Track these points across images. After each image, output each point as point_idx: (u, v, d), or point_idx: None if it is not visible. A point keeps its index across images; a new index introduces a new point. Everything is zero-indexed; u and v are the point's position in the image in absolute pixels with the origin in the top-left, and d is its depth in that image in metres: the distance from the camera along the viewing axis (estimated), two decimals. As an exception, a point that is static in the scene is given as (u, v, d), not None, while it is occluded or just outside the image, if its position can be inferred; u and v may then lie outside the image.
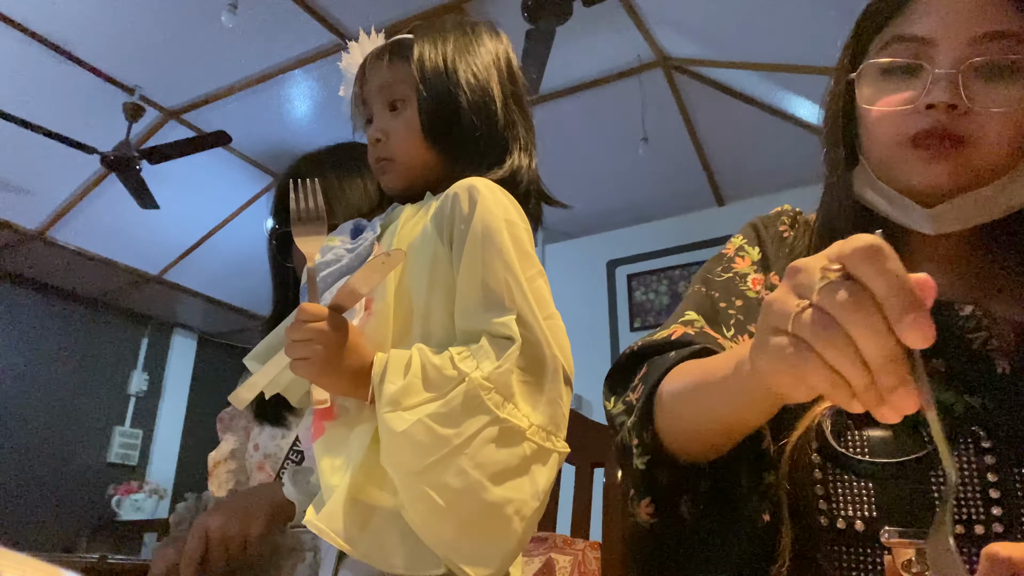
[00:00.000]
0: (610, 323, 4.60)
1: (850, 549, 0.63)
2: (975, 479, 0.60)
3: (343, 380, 0.73)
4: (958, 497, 0.60)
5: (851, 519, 0.63)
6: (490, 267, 0.75)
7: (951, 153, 0.64)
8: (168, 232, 4.58)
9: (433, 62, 0.89)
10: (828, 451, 0.66)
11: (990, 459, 0.60)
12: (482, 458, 0.67)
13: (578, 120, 3.84)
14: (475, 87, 0.89)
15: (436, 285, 0.79)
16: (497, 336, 0.73)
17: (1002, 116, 0.63)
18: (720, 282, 0.78)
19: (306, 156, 1.26)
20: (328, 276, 0.84)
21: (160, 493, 5.19)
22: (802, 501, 0.65)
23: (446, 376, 0.70)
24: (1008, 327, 0.63)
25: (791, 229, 0.82)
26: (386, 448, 0.69)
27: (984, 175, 0.64)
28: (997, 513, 0.59)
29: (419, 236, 0.82)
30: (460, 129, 0.88)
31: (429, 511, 0.67)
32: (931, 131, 0.64)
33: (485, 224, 0.77)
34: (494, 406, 0.69)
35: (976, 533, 0.59)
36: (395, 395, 0.69)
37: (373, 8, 3.11)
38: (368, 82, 0.94)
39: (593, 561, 1.20)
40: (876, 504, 0.62)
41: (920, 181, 0.66)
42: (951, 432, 0.62)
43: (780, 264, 0.78)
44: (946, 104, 0.63)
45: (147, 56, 3.35)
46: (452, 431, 0.67)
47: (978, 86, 0.64)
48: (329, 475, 0.72)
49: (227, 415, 1.29)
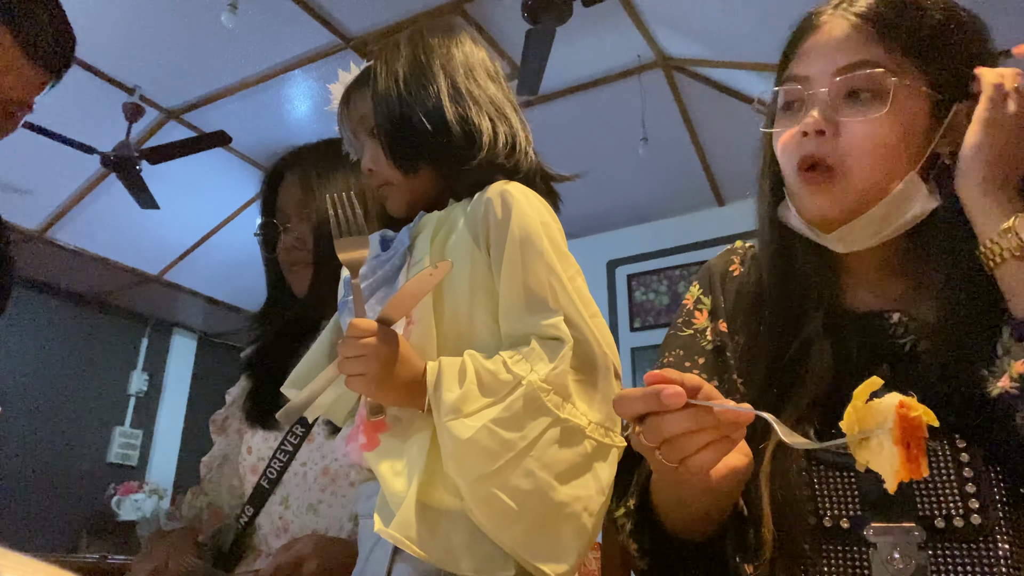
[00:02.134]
0: (610, 323, 4.56)
1: (837, 546, 0.66)
2: (951, 476, 0.64)
3: (398, 392, 0.74)
4: (938, 494, 0.64)
5: (837, 517, 0.66)
6: (531, 270, 0.77)
7: (827, 185, 0.71)
8: (168, 232, 4.58)
9: (385, 89, 0.90)
10: (813, 452, 0.69)
11: (964, 456, 0.64)
12: (548, 459, 0.70)
13: (578, 120, 3.84)
14: (424, 103, 0.88)
15: (477, 290, 0.80)
16: (546, 338, 0.75)
17: (865, 138, 0.69)
18: (684, 338, 0.85)
19: (291, 150, 1.28)
20: (365, 289, 0.85)
21: (160, 493, 5.19)
22: (788, 500, 0.68)
23: (501, 380, 0.72)
24: (929, 329, 0.69)
25: (741, 266, 0.87)
26: (452, 455, 0.70)
27: (866, 196, 0.71)
28: (974, 506, 0.62)
29: (453, 242, 0.83)
30: (427, 145, 0.88)
31: (501, 514, 0.68)
32: (807, 158, 0.72)
33: (523, 227, 0.79)
34: (554, 407, 0.71)
35: (956, 526, 0.62)
36: (455, 403, 0.70)
37: (373, 8, 3.12)
38: (350, 115, 0.95)
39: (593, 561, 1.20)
40: (861, 501, 0.66)
41: (809, 212, 0.74)
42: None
43: (728, 306, 0.84)
44: (815, 131, 0.71)
45: (147, 56, 3.36)
46: (517, 434, 0.69)
47: (845, 110, 0.71)
48: (392, 482, 0.73)
49: (220, 417, 1.29)
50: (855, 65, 0.70)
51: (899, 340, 0.71)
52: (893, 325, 0.72)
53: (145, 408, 5.53)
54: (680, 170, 4.16)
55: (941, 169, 0.72)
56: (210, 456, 1.26)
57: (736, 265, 0.88)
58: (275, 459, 1.12)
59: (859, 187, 0.70)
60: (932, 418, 0.47)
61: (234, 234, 4.66)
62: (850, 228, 0.72)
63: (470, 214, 0.84)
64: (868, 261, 0.77)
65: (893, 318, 0.73)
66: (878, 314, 0.74)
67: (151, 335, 5.69)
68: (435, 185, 0.91)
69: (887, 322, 0.73)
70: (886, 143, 0.69)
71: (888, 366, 0.71)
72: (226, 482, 1.23)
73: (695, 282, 0.91)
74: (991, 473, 0.63)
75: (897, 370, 0.70)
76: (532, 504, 0.69)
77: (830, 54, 0.72)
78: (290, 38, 3.30)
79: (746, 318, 0.81)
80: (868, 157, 0.69)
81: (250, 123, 3.76)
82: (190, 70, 3.49)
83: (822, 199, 0.72)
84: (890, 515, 0.64)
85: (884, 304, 0.75)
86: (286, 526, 1.09)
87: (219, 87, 3.61)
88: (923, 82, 0.70)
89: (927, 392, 0.67)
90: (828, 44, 0.73)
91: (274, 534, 1.09)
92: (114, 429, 5.29)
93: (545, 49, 2.91)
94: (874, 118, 0.69)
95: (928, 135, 0.71)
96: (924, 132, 0.70)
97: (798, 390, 0.72)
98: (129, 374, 5.48)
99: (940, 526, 0.62)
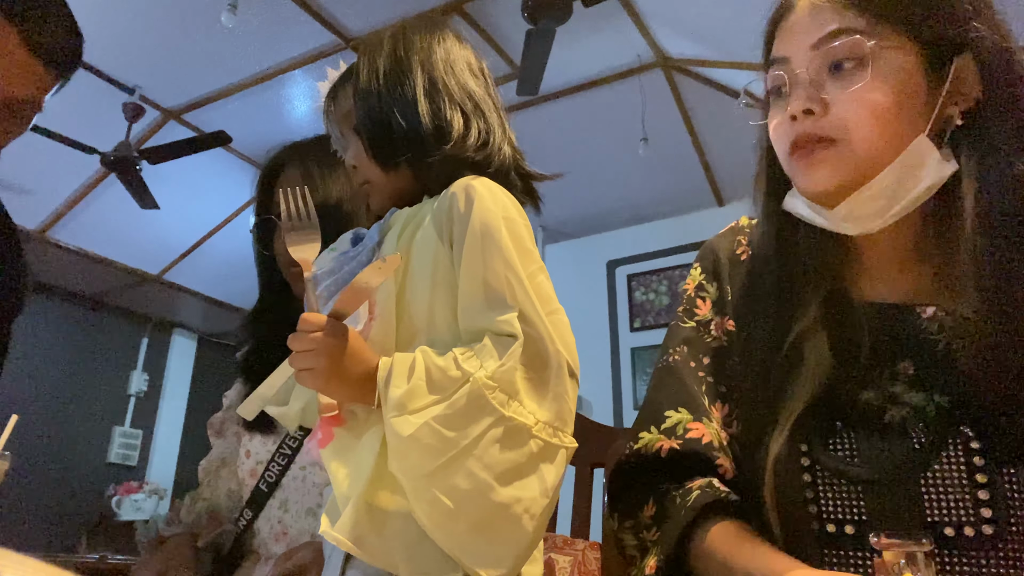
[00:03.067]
0: (610, 323, 4.59)
1: (840, 553, 0.63)
2: (963, 481, 0.60)
3: (349, 387, 0.73)
4: (948, 500, 0.61)
5: (841, 523, 0.63)
6: (490, 265, 0.75)
7: (825, 154, 0.68)
8: (168, 232, 4.58)
9: (366, 85, 0.89)
10: (816, 456, 0.66)
11: (979, 460, 0.61)
12: (489, 458, 0.67)
13: (578, 120, 3.83)
14: (400, 99, 0.87)
15: (438, 286, 0.78)
16: (500, 334, 0.73)
17: (856, 106, 0.66)
18: (687, 331, 0.81)
19: (289, 145, 1.26)
20: (331, 285, 0.84)
21: (160, 493, 5.18)
22: (791, 506, 0.65)
23: (451, 377, 0.70)
24: (968, 326, 0.64)
25: (747, 246, 0.83)
26: (393, 453, 0.69)
27: (868, 167, 0.66)
28: (987, 515, 0.59)
29: (419, 238, 0.82)
30: (404, 142, 0.87)
31: (439, 514, 0.67)
32: (799, 139, 0.69)
33: (484, 222, 0.77)
34: (499, 405, 0.68)
35: (966, 535, 0.59)
36: (401, 399, 0.69)
37: (373, 8, 3.11)
38: (335, 112, 0.95)
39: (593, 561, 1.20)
40: (866, 508, 0.63)
41: (807, 188, 0.70)
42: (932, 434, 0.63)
43: (735, 298, 0.80)
44: (803, 111, 0.68)
45: (147, 56, 3.35)
46: (458, 432, 0.67)
47: (831, 84, 0.68)
48: (341, 482, 0.72)
49: (217, 421, 1.27)
50: (831, 35, 0.68)
51: (931, 337, 0.66)
52: (926, 320, 0.67)
53: (145, 408, 5.53)
54: (680, 170, 4.16)
55: (957, 133, 0.67)
56: (208, 460, 1.25)
57: (744, 247, 0.83)
58: (274, 462, 1.11)
59: (860, 154, 0.66)
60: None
61: (234, 234, 4.66)
62: (857, 200, 0.67)
63: (436, 209, 0.82)
64: (886, 248, 0.72)
65: (927, 312, 0.68)
66: (905, 307, 0.69)
67: (151, 335, 5.68)
68: (413, 183, 0.89)
69: (917, 316, 0.68)
70: (880, 108, 0.65)
71: (912, 362, 0.66)
72: (224, 485, 1.22)
73: (696, 264, 0.86)
74: (1006, 478, 0.60)
75: (921, 369, 0.66)
76: (471, 505, 0.66)
77: (805, 29, 0.70)
78: (290, 38, 3.30)
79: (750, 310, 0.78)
80: (864, 125, 0.66)
81: (250, 123, 3.76)
82: (190, 70, 3.49)
83: (821, 169, 0.68)
84: (897, 522, 0.61)
85: (911, 297, 0.70)
86: (285, 530, 1.08)
87: (219, 87, 3.60)
88: (906, 41, 0.67)
89: (952, 394, 0.64)
90: (802, 20, 0.71)
91: (273, 538, 1.09)
92: (114, 429, 5.29)
93: (545, 49, 2.91)
94: (863, 85, 0.66)
95: (929, 96, 0.67)
96: (923, 93, 0.66)
97: (794, 386, 0.68)
98: (129, 374, 5.47)
99: (950, 535, 0.60)
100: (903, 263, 0.72)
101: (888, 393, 0.66)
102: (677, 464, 0.74)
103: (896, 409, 0.65)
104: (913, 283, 0.71)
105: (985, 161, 0.65)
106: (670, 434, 0.75)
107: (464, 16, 3.18)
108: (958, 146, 0.67)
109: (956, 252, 0.66)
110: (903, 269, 0.72)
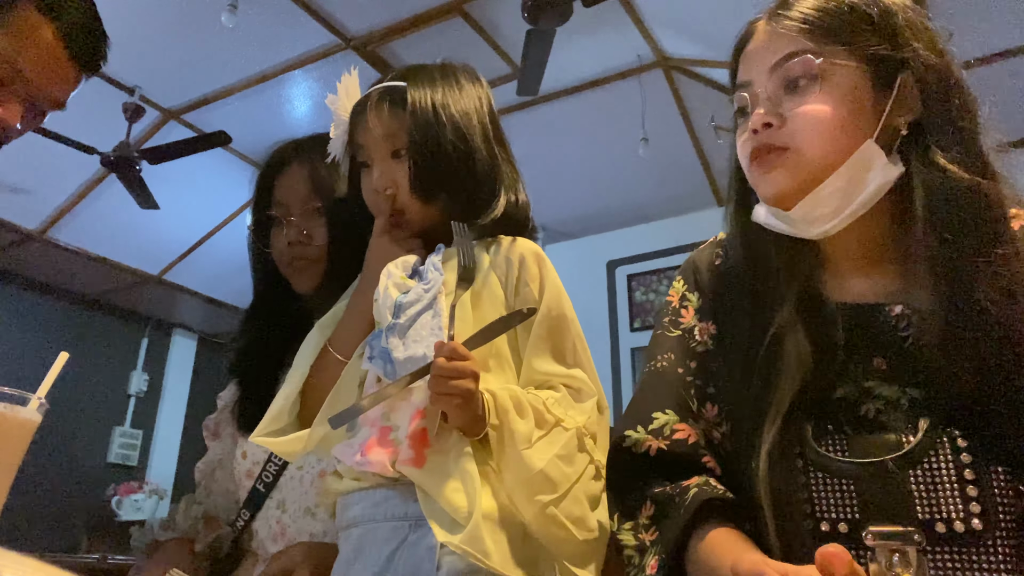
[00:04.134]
0: (610, 323, 4.60)
1: None
2: (952, 477, 0.63)
3: (474, 415, 0.81)
4: (938, 496, 0.63)
5: (835, 521, 0.66)
6: (563, 327, 0.92)
7: (780, 161, 0.75)
8: (168, 232, 4.58)
9: (423, 112, 0.94)
10: (810, 454, 0.69)
11: (966, 457, 0.63)
12: (587, 490, 0.84)
13: (578, 120, 3.84)
14: (460, 136, 0.95)
15: None
16: (570, 387, 0.90)
17: (810, 117, 0.73)
18: (673, 339, 0.88)
19: (291, 142, 1.24)
20: (414, 314, 0.89)
21: (160, 493, 5.19)
22: (786, 505, 0.68)
23: (546, 419, 0.84)
24: (933, 321, 0.69)
25: (725, 257, 0.90)
26: (524, 481, 0.81)
27: (820, 171, 0.73)
28: (976, 510, 0.62)
29: (480, 282, 0.92)
30: (449, 179, 0.95)
31: (559, 530, 0.81)
32: (757, 150, 0.77)
33: (557, 290, 0.94)
34: (590, 449, 0.86)
35: (957, 531, 0.61)
36: (527, 434, 0.82)
37: (373, 8, 3.11)
38: (370, 130, 0.96)
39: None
40: (859, 505, 0.65)
41: (765, 192, 0.77)
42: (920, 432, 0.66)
43: (714, 303, 0.87)
44: (762, 124, 0.75)
45: (147, 56, 3.35)
46: (572, 469, 0.83)
47: (787, 101, 0.76)
48: (453, 498, 0.80)
49: (212, 422, 1.26)
50: (786, 57, 0.76)
51: (901, 333, 0.71)
52: (895, 318, 0.72)
53: (145, 408, 5.53)
54: (680, 170, 4.16)
55: (905, 142, 0.74)
56: (204, 461, 1.24)
57: (721, 257, 0.89)
58: (270, 463, 1.11)
59: (811, 159, 0.73)
60: None
61: (234, 234, 4.66)
62: (812, 201, 0.73)
63: (497, 259, 0.94)
64: (851, 251, 0.78)
65: (895, 310, 0.73)
66: (876, 306, 0.74)
67: (151, 335, 5.69)
68: (434, 219, 0.96)
69: (887, 315, 0.73)
70: (831, 118, 0.72)
71: (884, 359, 0.71)
72: (221, 487, 1.21)
73: (679, 276, 0.93)
74: (993, 472, 0.62)
75: (894, 364, 0.71)
76: (580, 525, 0.82)
77: (764, 55, 0.79)
78: (290, 38, 3.30)
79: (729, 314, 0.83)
80: (816, 133, 0.73)
81: (250, 123, 3.76)
82: (190, 70, 3.49)
83: (775, 173, 0.75)
84: (889, 519, 0.63)
85: (882, 296, 0.75)
86: (283, 530, 1.08)
87: (219, 87, 3.61)
88: (854, 60, 0.74)
89: (928, 388, 0.68)
90: (760, 47, 0.80)
91: (271, 539, 1.08)
92: (114, 429, 5.29)
93: (545, 49, 2.91)
94: (813, 98, 0.73)
95: (876, 108, 0.74)
96: (870, 106, 0.74)
97: (776, 386, 0.72)
98: (129, 374, 5.48)
99: (940, 531, 0.62)
100: (869, 265, 0.78)
101: (863, 388, 0.71)
102: (669, 464, 0.80)
103: (871, 403, 0.70)
104: (881, 283, 0.76)
105: (930, 170, 0.71)
106: (657, 435, 0.82)
107: (464, 16, 3.18)
108: (907, 154, 0.74)
109: (912, 256, 0.72)
110: (870, 271, 0.77)
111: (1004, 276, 0.67)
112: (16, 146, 1.02)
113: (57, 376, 0.67)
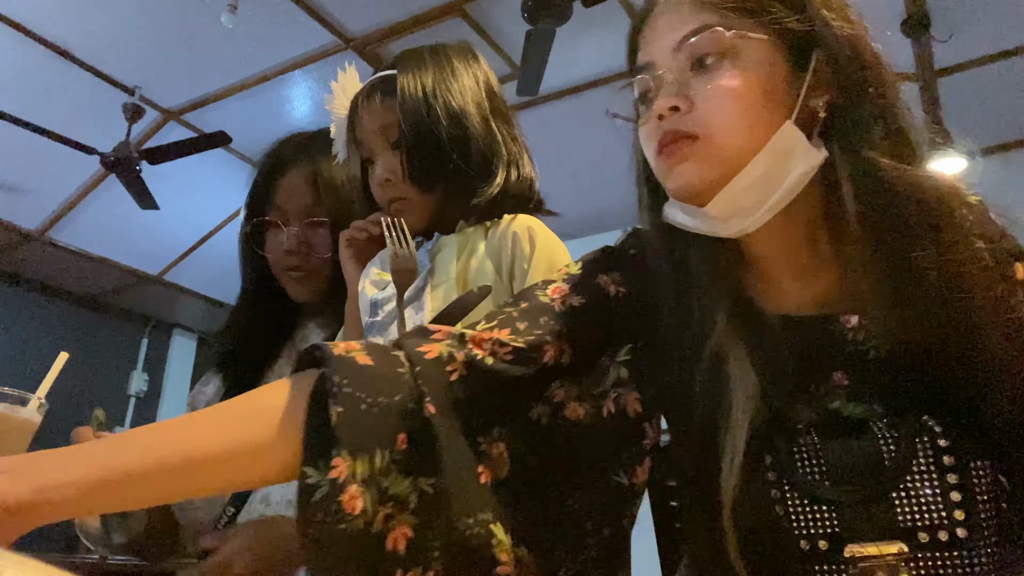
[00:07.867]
0: (610, 323, 4.59)
1: (816, 568, 0.62)
2: (935, 484, 0.60)
3: None
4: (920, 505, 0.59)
5: (814, 538, 0.62)
6: None
7: (689, 151, 0.66)
8: (168, 232, 4.58)
9: (413, 100, 0.91)
10: (784, 469, 0.64)
11: (948, 459, 0.60)
12: None
13: (578, 120, 3.83)
14: (454, 121, 0.92)
15: None
16: None
17: (721, 97, 0.65)
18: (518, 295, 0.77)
19: (290, 139, 1.20)
20: (391, 310, 0.87)
21: (160, 493, 5.19)
22: (762, 527, 0.63)
23: None
24: (889, 331, 0.64)
25: (641, 250, 0.81)
26: None
27: (734, 160, 0.65)
28: (959, 517, 0.59)
29: (475, 269, 0.88)
30: (443, 164, 0.91)
31: None
32: (664, 138, 0.68)
33: (549, 263, 0.87)
34: None
35: (940, 540, 0.59)
36: None
37: (373, 8, 3.11)
38: (365, 123, 0.95)
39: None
40: (839, 522, 0.61)
41: (674, 187, 0.68)
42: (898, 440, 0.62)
43: (639, 283, 0.77)
44: (668, 108, 0.67)
45: (147, 56, 3.36)
46: None
47: (695, 81, 0.67)
48: None
49: (192, 398, 1.24)
50: (690, 34, 0.67)
51: (859, 347, 0.66)
52: (850, 330, 0.67)
53: (145, 408, 5.53)
54: (680, 170, 4.16)
55: (826, 125, 0.67)
56: None
57: (638, 249, 0.82)
58: None
59: (723, 146, 0.65)
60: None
61: (234, 234, 4.59)
62: (730, 194, 0.65)
63: (492, 243, 0.89)
64: (779, 255, 0.71)
65: (851, 322, 0.67)
66: (827, 318, 0.68)
67: (151, 335, 5.69)
68: (446, 205, 0.94)
69: (842, 326, 0.67)
70: (743, 97, 0.65)
71: (844, 373, 0.66)
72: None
73: (577, 261, 0.84)
74: (974, 469, 0.60)
75: (856, 378, 0.65)
76: None
77: (665, 33, 0.70)
78: (290, 38, 3.30)
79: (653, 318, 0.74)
80: (728, 115, 0.65)
81: (250, 123, 3.76)
82: (190, 70, 3.49)
83: (686, 166, 0.66)
84: (871, 532, 0.60)
85: (827, 306, 0.69)
86: None
87: (219, 87, 3.60)
88: (764, 34, 0.66)
89: (894, 399, 0.63)
90: (661, 25, 0.71)
91: None
92: (114, 429, 5.28)
93: (545, 49, 2.91)
94: (724, 76, 0.65)
95: (793, 88, 0.66)
96: (786, 85, 0.66)
97: (732, 406, 0.65)
98: (129, 374, 5.48)
99: (924, 540, 0.59)
100: (800, 269, 0.71)
101: (828, 408, 0.65)
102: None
103: (839, 422, 0.65)
104: (822, 292, 0.70)
105: (854, 157, 0.65)
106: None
107: (464, 16, 3.18)
108: (829, 139, 0.67)
109: (850, 259, 0.66)
110: (802, 276, 0.71)
111: (952, 264, 0.62)
112: (16, 146, 1.02)
113: (57, 376, 0.67)
